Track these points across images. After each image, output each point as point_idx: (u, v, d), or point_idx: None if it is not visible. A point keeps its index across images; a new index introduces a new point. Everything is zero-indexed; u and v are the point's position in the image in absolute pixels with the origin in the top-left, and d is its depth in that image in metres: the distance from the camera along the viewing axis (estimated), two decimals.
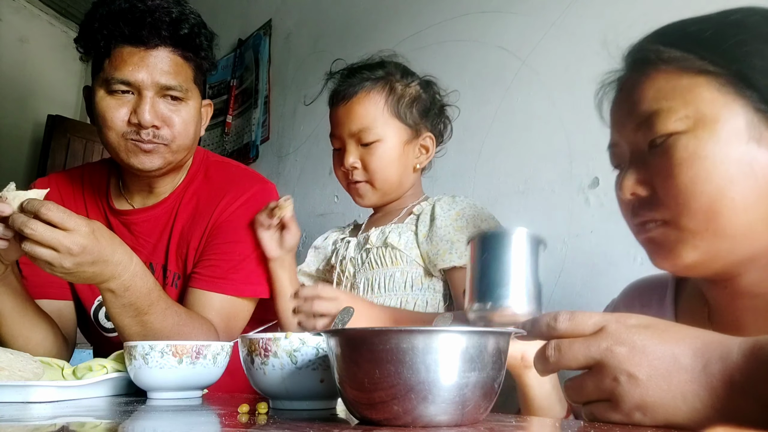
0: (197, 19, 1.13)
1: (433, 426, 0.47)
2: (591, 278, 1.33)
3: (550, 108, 1.48)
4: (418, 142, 1.13)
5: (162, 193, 1.21)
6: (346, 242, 1.16)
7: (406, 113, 1.10)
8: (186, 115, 1.11)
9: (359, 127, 1.08)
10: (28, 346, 1.06)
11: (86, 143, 4.37)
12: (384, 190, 1.12)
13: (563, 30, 1.49)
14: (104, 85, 1.08)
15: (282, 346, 0.64)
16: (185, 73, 1.11)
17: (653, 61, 0.64)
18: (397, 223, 1.12)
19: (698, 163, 0.59)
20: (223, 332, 1.10)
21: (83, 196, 1.24)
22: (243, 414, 0.63)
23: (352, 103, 1.09)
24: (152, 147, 1.09)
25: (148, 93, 1.07)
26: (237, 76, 2.80)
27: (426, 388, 0.46)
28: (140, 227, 1.20)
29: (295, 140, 2.40)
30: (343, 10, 2.23)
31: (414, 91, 1.13)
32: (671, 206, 0.62)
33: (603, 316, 0.50)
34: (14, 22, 4.52)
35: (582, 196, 1.39)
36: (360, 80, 1.11)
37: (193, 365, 0.79)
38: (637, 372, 0.46)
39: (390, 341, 0.46)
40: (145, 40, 1.06)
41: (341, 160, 1.12)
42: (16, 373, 0.77)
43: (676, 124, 0.61)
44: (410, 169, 1.13)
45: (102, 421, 0.56)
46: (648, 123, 0.63)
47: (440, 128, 1.20)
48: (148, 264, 1.18)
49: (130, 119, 1.07)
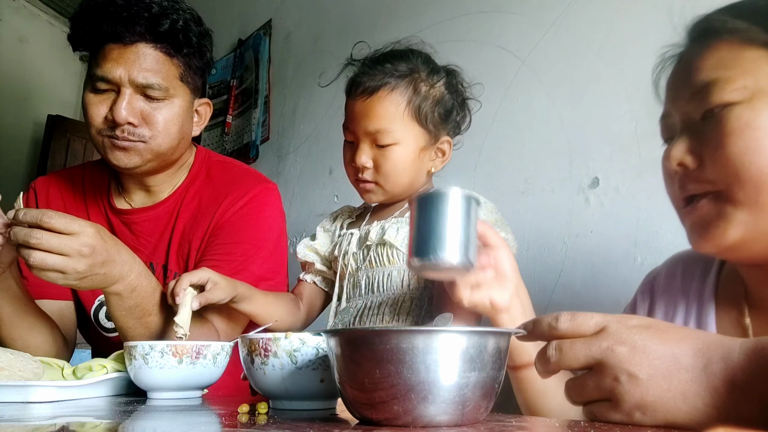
0: (185, 15, 1.10)
1: (433, 426, 0.47)
2: (591, 278, 1.33)
3: (550, 108, 1.48)
4: (435, 147, 1.08)
5: (161, 192, 1.21)
6: (350, 235, 1.13)
7: (427, 117, 1.04)
8: (168, 113, 1.09)
9: (377, 127, 1.02)
10: (27, 349, 1.06)
11: (86, 143, 4.37)
12: (393, 193, 1.08)
13: (563, 30, 1.49)
14: (89, 83, 1.08)
15: (282, 346, 0.64)
16: (167, 70, 1.09)
17: (718, 31, 0.63)
18: (398, 217, 1.09)
19: (750, 133, 0.58)
20: (224, 333, 1.10)
21: (84, 195, 1.24)
22: (243, 414, 0.63)
23: (372, 101, 1.02)
24: (128, 144, 1.07)
25: (126, 90, 1.05)
26: (237, 76, 2.80)
27: (426, 388, 0.46)
28: (141, 227, 1.20)
29: (295, 140, 2.40)
30: (342, 10, 2.23)
31: (438, 93, 1.07)
32: (720, 178, 0.60)
33: (604, 316, 0.50)
34: (14, 22, 4.52)
35: (582, 196, 1.39)
36: (383, 74, 1.03)
37: (193, 365, 0.79)
38: (638, 371, 0.46)
39: (390, 341, 0.46)
40: (122, 37, 1.05)
41: (353, 155, 1.06)
42: (16, 373, 0.77)
43: (733, 94, 0.59)
44: (424, 173, 1.09)
45: (102, 421, 0.56)
46: (703, 92, 0.61)
47: (459, 122, 1.15)
48: (149, 264, 1.18)
49: (107, 116, 1.06)
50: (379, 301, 1.05)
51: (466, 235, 0.68)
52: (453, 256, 0.67)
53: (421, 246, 0.68)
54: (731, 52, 0.61)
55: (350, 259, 1.09)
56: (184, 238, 1.18)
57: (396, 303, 1.04)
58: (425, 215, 0.69)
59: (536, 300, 0.85)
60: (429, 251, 0.67)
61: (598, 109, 1.38)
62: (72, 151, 4.31)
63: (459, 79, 1.14)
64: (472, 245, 0.69)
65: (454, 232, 0.67)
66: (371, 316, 1.04)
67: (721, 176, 0.60)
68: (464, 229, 0.68)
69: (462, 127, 1.16)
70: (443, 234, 0.67)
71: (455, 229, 0.67)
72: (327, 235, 1.19)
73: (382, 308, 1.04)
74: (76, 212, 1.20)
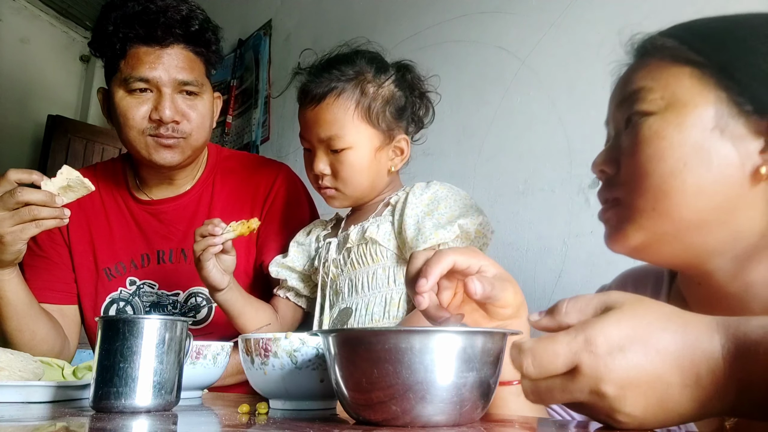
0: (204, 15, 1.17)
1: (430, 426, 0.47)
2: (591, 278, 1.33)
3: (550, 108, 1.49)
4: (391, 146, 1.08)
5: (182, 185, 1.27)
6: (328, 243, 1.12)
7: (378, 117, 1.04)
8: (202, 108, 1.17)
9: (328, 134, 1.02)
10: (34, 340, 1.08)
11: (86, 143, 4.38)
12: (355, 197, 1.08)
13: (563, 30, 1.49)
14: (123, 85, 1.12)
15: (282, 346, 0.64)
16: (198, 68, 1.16)
17: (650, 50, 0.66)
18: (375, 216, 1.08)
19: (657, 142, 0.60)
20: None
21: (99, 192, 1.26)
22: (243, 414, 0.63)
23: (320, 108, 1.03)
24: (173, 142, 1.14)
25: (167, 90, 1.12)
26: (237, 76, 2.80)
27: (424, 388, 0.46)
28: (169, 216, 1.26)
29: (295, 140, 2.39)
30: (342, 11, 2.23)
31: (387, 92, 1.06)
32: (627, 184, 0.63)
33: (569, 344, 0.44)
34: (15, 23, 4.52)
35: (582, 196, 1.39)
36: (329, 81, 1.03)
37: (193, 365, 0.79)
38: (634, 411, 0.43)
39: (389, 341, 0.46)
40: (159, 39, 1.11)
41: (311, 163, 1.08)
42: (16, 373, 0.77)
43: (649, 105, 0.62)
44: (383, 173, 1.08)
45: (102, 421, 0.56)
46: (628, 100, 0.64)
47: (420, 116, 1.14)
48: (180, 250, 1.24)
49: (151, 116, 1.11)
50: (366, 301, 1.05)
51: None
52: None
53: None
54: (659, 68, 0.63)
55: (330, 266, 1.09)
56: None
57: (384, 300, 1.03)
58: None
59: (536, 300, 0.86)
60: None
61: (598, 109, 1.38)
62: (72, 151, 4.31)
63: (413, 74, 1.13)
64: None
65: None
66: (359, 317, 1.04)
67: (628, 183, 0.63)
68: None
69: (425, 121, 1.15)
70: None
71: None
72: (301, 249, 1.18)
73: (371, 308, 1.04)
74: (92, 208, 1.25)
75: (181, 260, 1.23)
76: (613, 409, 0.44)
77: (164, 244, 1.24)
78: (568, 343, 0.44)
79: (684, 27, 0.66)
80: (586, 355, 0.43)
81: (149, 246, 1.24)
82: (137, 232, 1.25)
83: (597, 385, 0.43)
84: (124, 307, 1.23)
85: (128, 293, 1.24)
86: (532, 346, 0.45)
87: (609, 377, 0.43)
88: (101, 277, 1.24)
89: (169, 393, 0.63)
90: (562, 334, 0.45)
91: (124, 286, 1.24)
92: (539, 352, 0.44)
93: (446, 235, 0.96)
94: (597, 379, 0.43)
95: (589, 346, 0.43)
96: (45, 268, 1.22)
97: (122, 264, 1.25)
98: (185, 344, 0.66)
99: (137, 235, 1.25)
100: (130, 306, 1.24)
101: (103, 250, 1.25)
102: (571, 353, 0.43)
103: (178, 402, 0.65)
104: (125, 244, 1.25)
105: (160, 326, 0.63)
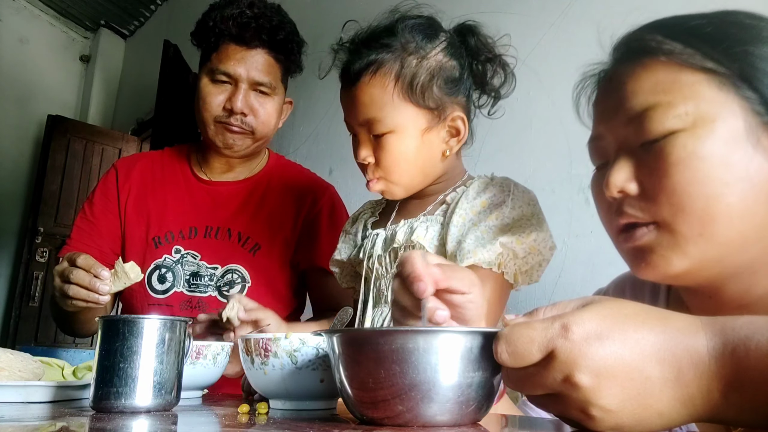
0: (291, 28, 1.33)
1: (433, 425, 0.47)
2: (591, 278, 1.33)
3: (550, 108, 1.49)
4: (444, 126, 0.92)
5: (240, 174, 1.41)
6: (375, 236, 0.99)
7: (424, 93, 0.89)
8: (270, 107, 1.31)
9: (366, 117, 0.90)
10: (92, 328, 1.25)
11: (86, 143, 4.38)
12: (407, 186, 0.94)
13: (562, 30, 1.49)
14: (209, 74, 1.28)
15: (282, 346, 0.64)
16: (275, 72, 1.31)
17: (652, 51, 0.61)
18: (428, 214, 0.96)
19: (696, 163, 0.56)
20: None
21: (162, 172, 1.42)
22: (243, 414, 0.63)
23: (357, 88, 0.91)
24: (238, 131, 1.29)
25: (243, 85, 1.27)
26: None
27: (430, 387, 0.46)
28: (223, 197, 1.38)
29: (295, 140, 2.40)
30: (343, 11, 2.23)
31: (434, 63, 0.91)
32: (664, 208, 0.58)
33: (545, 331, 0.42)
34: (14, 23, 4.53)
35: (582, 196, 1.39)
36: (365, 56, 0.91)
37: (193, 365, 0.79)
38: (609, 404, 0.41)
39: (396, 341, 0.46)
40: (247, 41, 1.26)
41: (356, 151, 0.96)
42: (16, 373, 0.77)
43: (674, 122, 0.57)
44: (436, 158, 0.93)
45: (102, 422, 0.56)
46: (643, 117, 0.59)
47: (492, 84, 0.99)
48: (226, 229, 1.34)
49: (225, 105, 1.27)
50: None
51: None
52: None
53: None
54: (669, 76, 0.59)
55: (375, 263, 0.97)
56: (274, 218, 1.37)
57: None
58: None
59: (536, 300, 0.85)
60: None
61: None
62: (72, 151, 4.31)
63: (478, 37, 0.99)
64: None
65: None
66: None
67: (665, 206, 0.58)
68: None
69: (503, 90, 1.00)
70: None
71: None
72: (348, 239, 1.08)
73: None
74: (152, 186, 1.40)
75: (226, 238, 1.34)
76: (587, 401, 0.41)
77: (213, 221, 1.35)
78: (543, 329, 0.42)
79: (681, 26, 0.62)
80: (561, 341, 0.41)
81: (199, 220, 1.35)
82: (190, 206, 1.37)
83: (571, 372, 0.41)
84: (165, 274, 1.31)
85: (172, 260, 1.32)
86: (507, 332, 0.44)
87: (584, 364, 0.41)
88: (150, 245, 1.34)
89: (168, 393, 0.63)
90: (538, 321, 0.43)
91: (170, 253, 1.33)
92: (514, 338, 0.43)
93: (485, 255, 0.84)
94: (572, 366, 0.41)
95: (565, 332, 0.41)
96: (89, 234, 1.34)
97: (171, 233, 1.34)
98: (185, 344, 0.66)
99: (190, 208, 1.37)
100: (171, 273, 1.31)
101: (156, 221, 1.35)
102: (546, 339, 0.42)
103: (178, 402, 0.65)
104: (177, 215, 1.36)
105: (160, 326, 0.63)
